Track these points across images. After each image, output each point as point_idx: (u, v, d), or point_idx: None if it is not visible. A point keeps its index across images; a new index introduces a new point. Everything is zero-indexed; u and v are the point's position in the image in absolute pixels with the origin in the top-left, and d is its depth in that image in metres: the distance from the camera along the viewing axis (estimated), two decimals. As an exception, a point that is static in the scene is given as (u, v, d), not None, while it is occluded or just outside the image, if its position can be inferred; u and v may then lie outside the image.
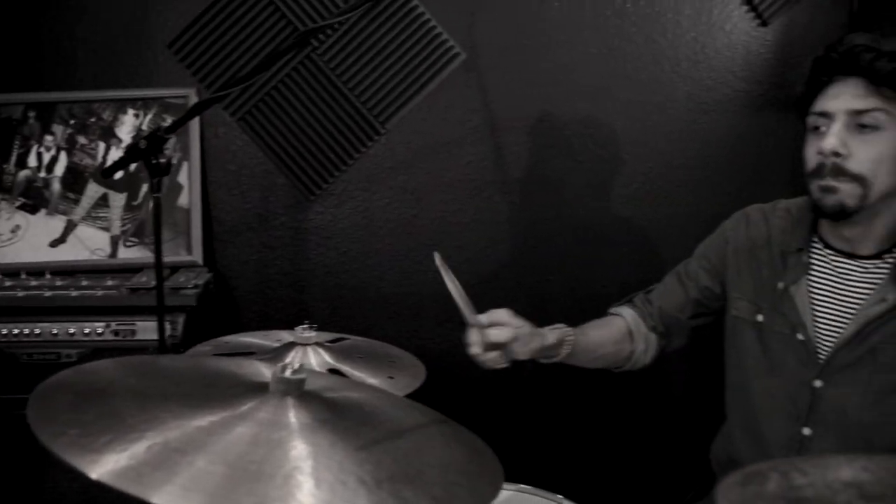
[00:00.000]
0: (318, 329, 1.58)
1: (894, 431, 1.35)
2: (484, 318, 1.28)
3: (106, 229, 2.25)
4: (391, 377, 1.48)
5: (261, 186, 2.33)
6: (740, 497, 0.53)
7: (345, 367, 1.48)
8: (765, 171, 2.34)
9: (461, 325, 1.31)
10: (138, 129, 2.25)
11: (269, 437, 0.85)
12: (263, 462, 0.79)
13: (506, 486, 1.46)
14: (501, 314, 1.29)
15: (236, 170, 2.31)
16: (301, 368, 0.96)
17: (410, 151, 2.29)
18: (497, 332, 1.26)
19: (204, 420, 0.85)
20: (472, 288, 2.26)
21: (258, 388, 0.96)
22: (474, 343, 1.28)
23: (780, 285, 1.42)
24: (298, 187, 2.30)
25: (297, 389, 0.95)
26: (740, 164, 2.35)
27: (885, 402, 1.33)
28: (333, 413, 0.95)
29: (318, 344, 1.54)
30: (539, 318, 2.28)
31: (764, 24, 2.32)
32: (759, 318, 1.45)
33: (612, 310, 1.60)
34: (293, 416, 0.90)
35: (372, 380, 1.47)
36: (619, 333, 1.54)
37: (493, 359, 1.29)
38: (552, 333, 1.39)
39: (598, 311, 1.65)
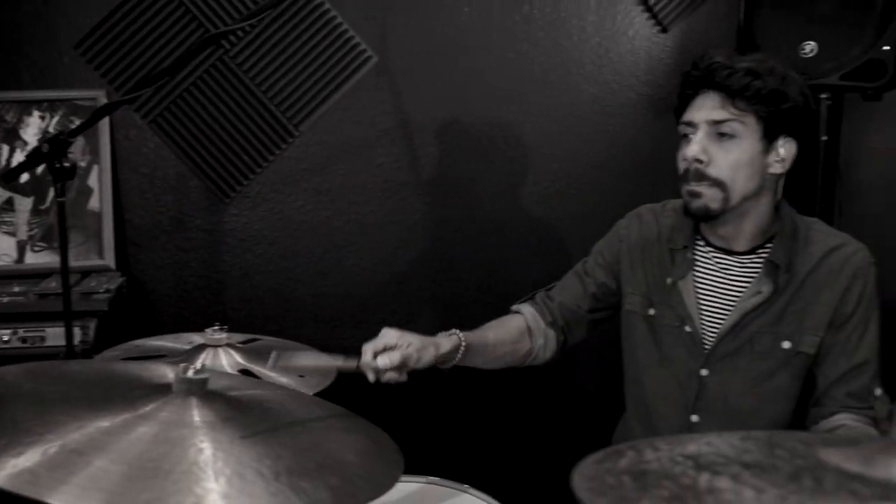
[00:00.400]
0: (233, 330, 1.59)
1: (769, 415, 1.46)
2: (369, 351, 1.30)
3: (12, 234, 2.20)
4: (301, 376, 1.50)
5: (174, 189, 2.32)
6: (592, 472, 0.59)
7: (255, 368, 1.50)
8: (665, 171, 2.44)
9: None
10: (44, 132, 2.20)
11: (170, 435, 0.87)
12: (163, 459, 0.82)
13: (415, 478, 1.52)
14: (388, 337, 1.32)
15: (149, 172, 2.29)
16: (203, 368, 0.99)
17: (325, 153, 2.31)
18: (385, 361, 1.29)
19: (105, 422, 0.87)
20: (387, 287, 2.34)
21: (162, 390, 0.98)
22: (368, 373, 1.31)
23: (669, 280, 1.51)
24: (213, 190, 2.30)
25: (201, 389, 0.97)
26: (643, 164, 2.46)
27: (761, 388, 1.45)
28: (237, 411, 0.98)
29: (229, 345, 1.55)
30: (452, 316, 2.34)
31: (664, 30, 2.43)
32: (651, 311, 1.54)
33: (513, 308, 1.67)
34: (196, 414, 0.93)
35: (283, 379, 1.49)
36: (516, 331, 1.59)
37: (390, 378, 1.32)
38: (446, 340, 1.42)
39: (509, 308, 1.72)
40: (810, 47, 1.96)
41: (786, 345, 1.42)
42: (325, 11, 2.23)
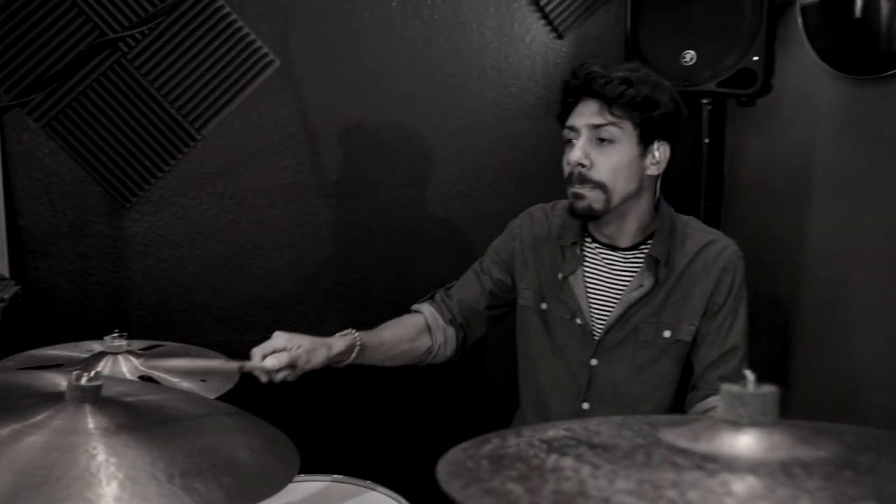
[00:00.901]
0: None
1: (654, 400, 1.57)
2: (258, 353, 1.38)
3: None
4: (203, 380, 1.51)
5: (72, 195, 2.26)
6: (456, 457, 0.65)
7: (156, 374, 1.50)
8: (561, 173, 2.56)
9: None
10: (-71, 137, 2.13)
11: (62, 443, 0.88)
12: (53, 467, 0.83)
13: (319, 477, 1.55)
14: (277, 341, 1.40)
15: (44, 178, 2.23)
16: (97, 375, 1.00)
17: (228, 157, 2.31)
18: (273, 362, 1.36)
19: (-7, 433, 0.88)
20: (295, 289, 2.35)
21: (55, 398, 0.99)
22: (260, 375, 1.39)
23: (560, 276, 1.60)
24: (113, 195, 2.26)
25: (94, 396, 0.98)
26: (542, 166, 2.54)
27: (646, 374, 1.56)
28: (132, 416, 0.99)
29: (129, 352, 1.54)
30: (361, 316, 2.38)
31: (560, 36, 2.53)
32: (544, 306, 1.63)
33: (413, 307, 1.73)
34: (90, 421, 0.94)
35: (185, 384, 1.50)
36: (415, 330, 1.66)
37: (283, 378, 1.39)
38: (340, 341, 1.49)
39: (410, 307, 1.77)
40: (690, 56, 2.09)
41: (666, 333, 1.53)
42: (226, 15, 2.23)
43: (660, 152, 1.52)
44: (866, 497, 0.54)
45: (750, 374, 1.51)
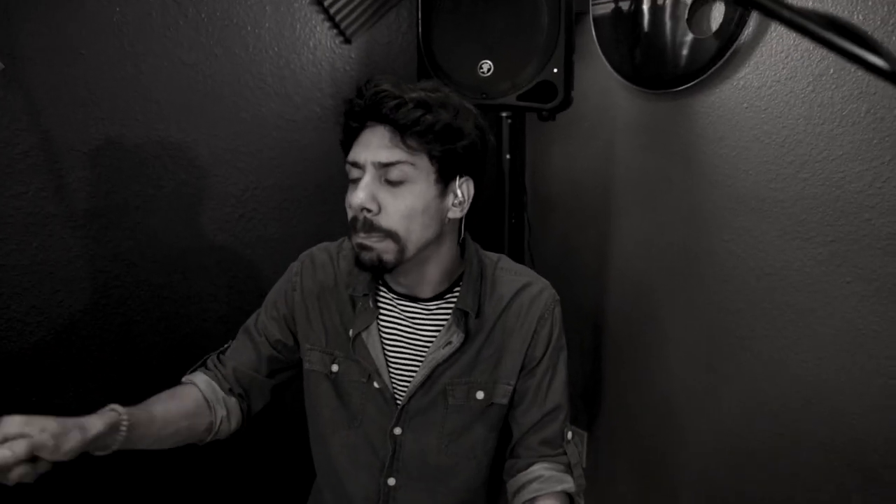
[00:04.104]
0: None
1: (467, 471, 1.38)
2: None
3: None
4: None
5: None
6: None
7: None
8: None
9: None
10: None
11: None
12: None
13: None
14: (9, 425, 1.01)
15: None
16: None
17: (-60, 183, 1.85)
18: (6, 453, 0.97)
19: None
20: (43, 341, 1.94)
21: None
22: None
23: (351, 332, 1.35)
24: None
25: None
26: (334, 181, 2.31)
27: (457, 444, 1.36)
28: None
29: None
30: (129, 368, 2.01)
31: (347, 41, 2.31)
32: (335, 367, 1.37)
33: (185, 378, 1.41)
34: None
35: None
36: (193, 405, 1.34)
37: (19, 476, 1.00)
38: (99, 420, 1.12)
39: (199, 350, 1.46)
40: (487, 66, 1.93)
41: (479, 395, 1.33)
42: (-72, 6, 1.77)
43: (462, 190, 1.26)
44: None
45: (571, 435, 1.39)
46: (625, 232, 2.35)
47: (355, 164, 1.23)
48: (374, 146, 1.20)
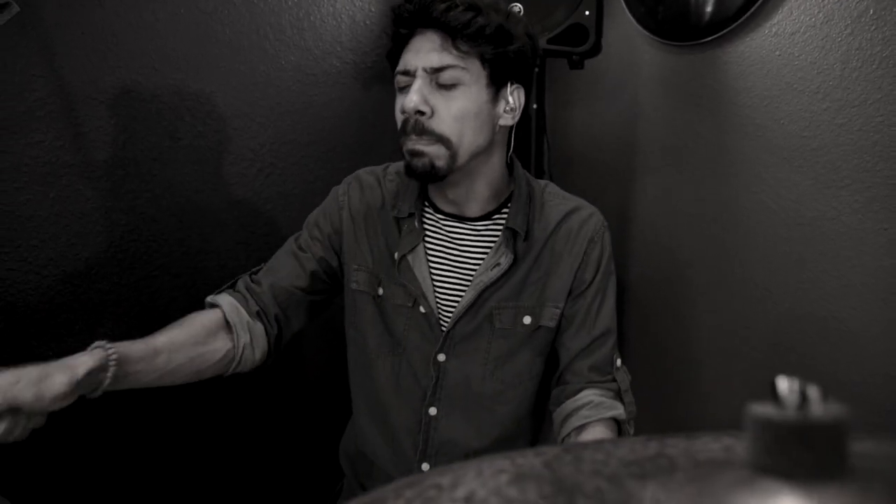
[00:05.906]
0: None
1: (514, 399, 1.34)
2: None
3: None
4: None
5: None
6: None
7: None
8: (377, 145, 2.30)
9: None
10: None
11: None
12: None
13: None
14: None
15: None
16: None
17: (-45, 130, 1.81)
18: None
19: None
20: (60, 294, 1.90)
21: None
22: None
23: (397, 255, 1.31)
24: None
25: None
26: (353, 137, 2.27)
27: (503, 370, 1.32)
28: None
29: None
30: (150, 319, 1.97)
31: (366, -7, 2.26)
32: (380, 291, 1.33)
33: (208, 300, 1.35)
34: None
35: None
36: (204, 329, 1.25)
37: (4, 434, 0.94)
38: (85, 358, 1.04)
39: (205, 301, 1.42)
40: (517, 8, 1.89)
41: (527, 320, 1.30)
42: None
43: (514, 97, 1.24)
44: None
45: (620, 362, 1.35)
46: (649, 189, 2.31)
47: (405, 73, 1.21)
48: (425, 51, 1.18)
